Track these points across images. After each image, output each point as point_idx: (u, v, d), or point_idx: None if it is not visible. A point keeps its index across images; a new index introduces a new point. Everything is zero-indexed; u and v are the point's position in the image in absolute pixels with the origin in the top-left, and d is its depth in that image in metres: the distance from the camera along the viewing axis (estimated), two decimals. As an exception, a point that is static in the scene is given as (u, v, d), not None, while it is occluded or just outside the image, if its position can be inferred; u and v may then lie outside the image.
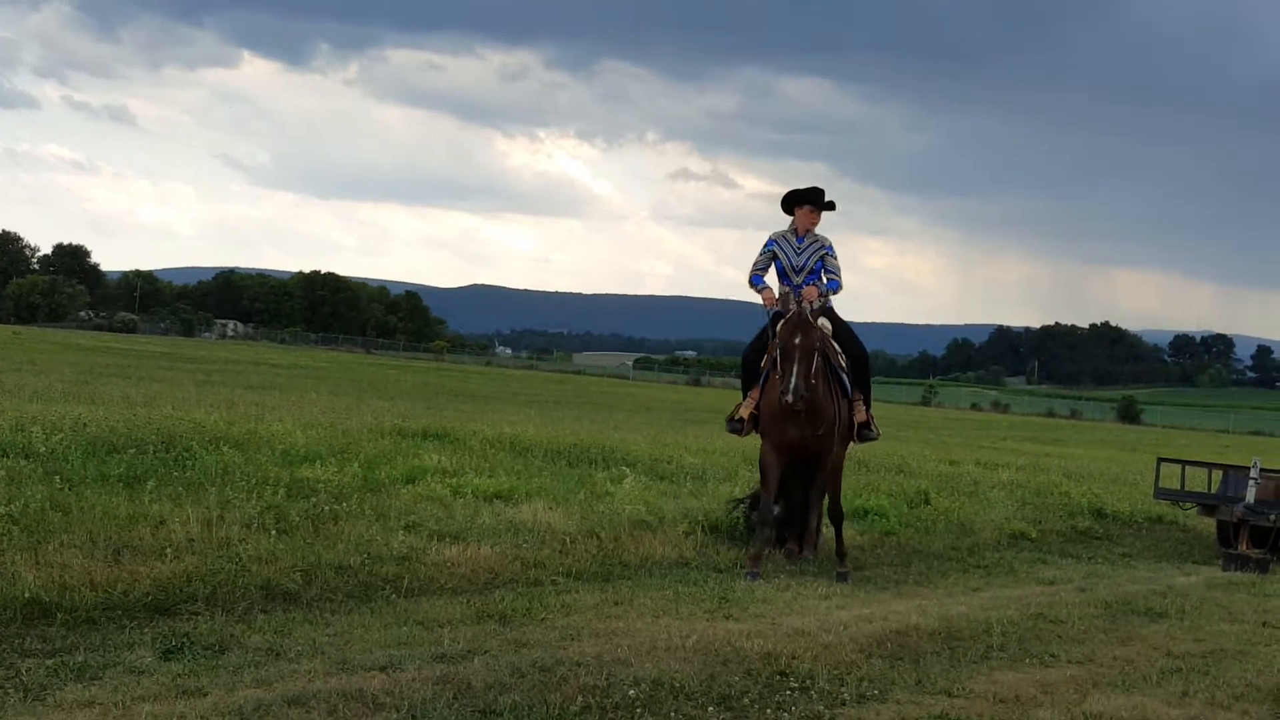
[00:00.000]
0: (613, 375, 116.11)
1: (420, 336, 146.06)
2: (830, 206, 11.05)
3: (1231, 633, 9.49)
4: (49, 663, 6.04)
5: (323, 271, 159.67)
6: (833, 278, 11.03)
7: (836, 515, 11.01)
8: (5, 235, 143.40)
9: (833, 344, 10.83)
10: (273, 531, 8.86)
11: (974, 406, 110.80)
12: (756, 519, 10.86)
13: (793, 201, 11.03)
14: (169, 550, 8.02)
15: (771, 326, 10.79)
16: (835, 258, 11.05)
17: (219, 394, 24.01)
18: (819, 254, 10.97)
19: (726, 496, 12.63)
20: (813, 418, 10.38)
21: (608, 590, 8.95)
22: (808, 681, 6.73)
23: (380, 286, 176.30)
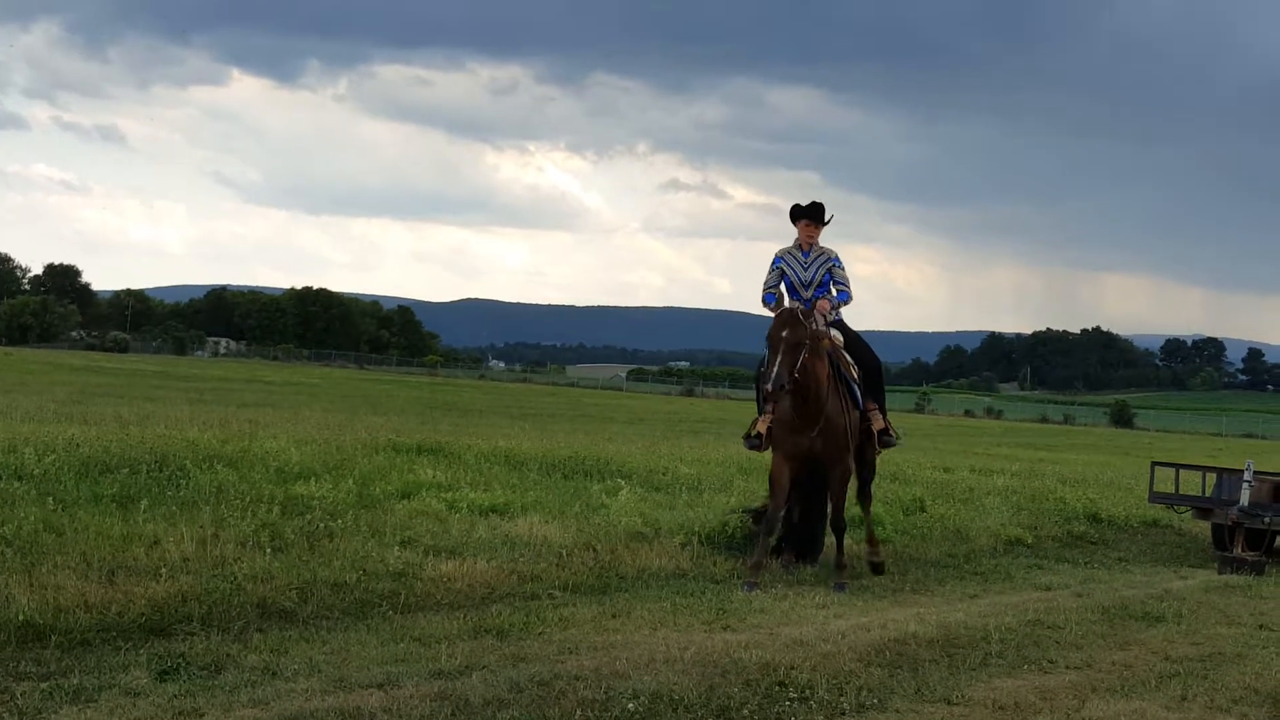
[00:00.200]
0: (606, 387, 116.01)
1: (413, 351, 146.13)
2: (820, 217, 11.10)
3: (1229, 636, 9.50)
4: (44, 686, 6.01)
5: (315, 287, 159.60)
6: (842, 289, 11.14)
7: (839, 526, 11.02)
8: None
9: (844, 355, 10.89)
10: (268, 549, 8.84)
11: (967, 413, 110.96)
12: (762, 528, 10.87)
13: (795, 217, 11.14)
14: (163, 570, 8.00)
15: None
16: (843, 269, 11.17)
17: (212, 412, 23.97)
18: (826, 266, 11.08)
19: (723, 507, 12.62)
20: (822, 428, 10.46)
21: (605, 603, 8.93)
22: (807, 691, 6.72)
23: (373, 301, 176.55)
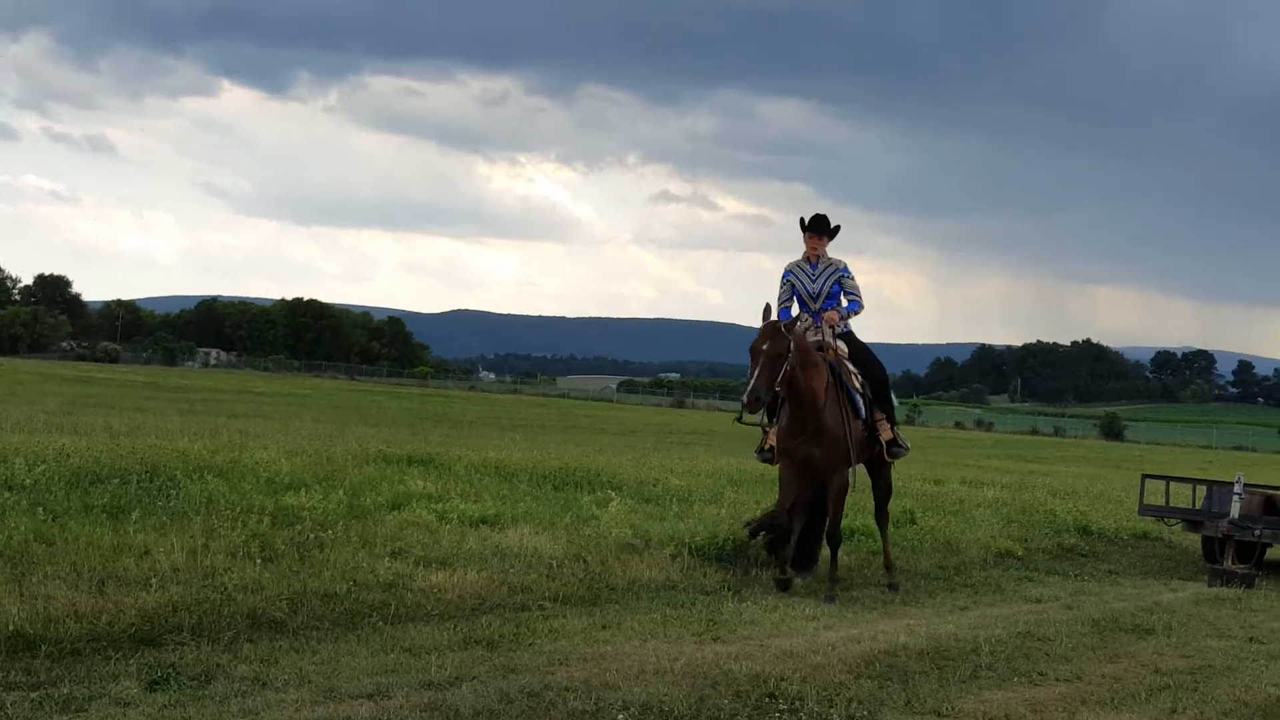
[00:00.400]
0: (597, 398, 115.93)
1: (404, 362, 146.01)
2: (825, 229, 11.16)
3: (1219, 649, 9.50)
4: (34, 696, 6.00)
5: (305, 298, 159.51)
6: (853, 299, 11.21)
7: (834, 538, 11.03)
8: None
9: (847, 365, 10.91)
10: (258, 560, 8.82)
11: (958, 425, 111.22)
12: (776, 538, 10.90)
13: (802, 230, 11.19)
14: (154, 580, 7.98)
15: None
16: (852, 279, 11.21)
17: (202, 423, 23.91)
18: (834, 277, 11.13)
19: (713, 519, 12.64)
20: (820, 437, 10.51)
21: (595, 614, 8.93)
22: (797, 703, 6.73)
23: (363, 313, 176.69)
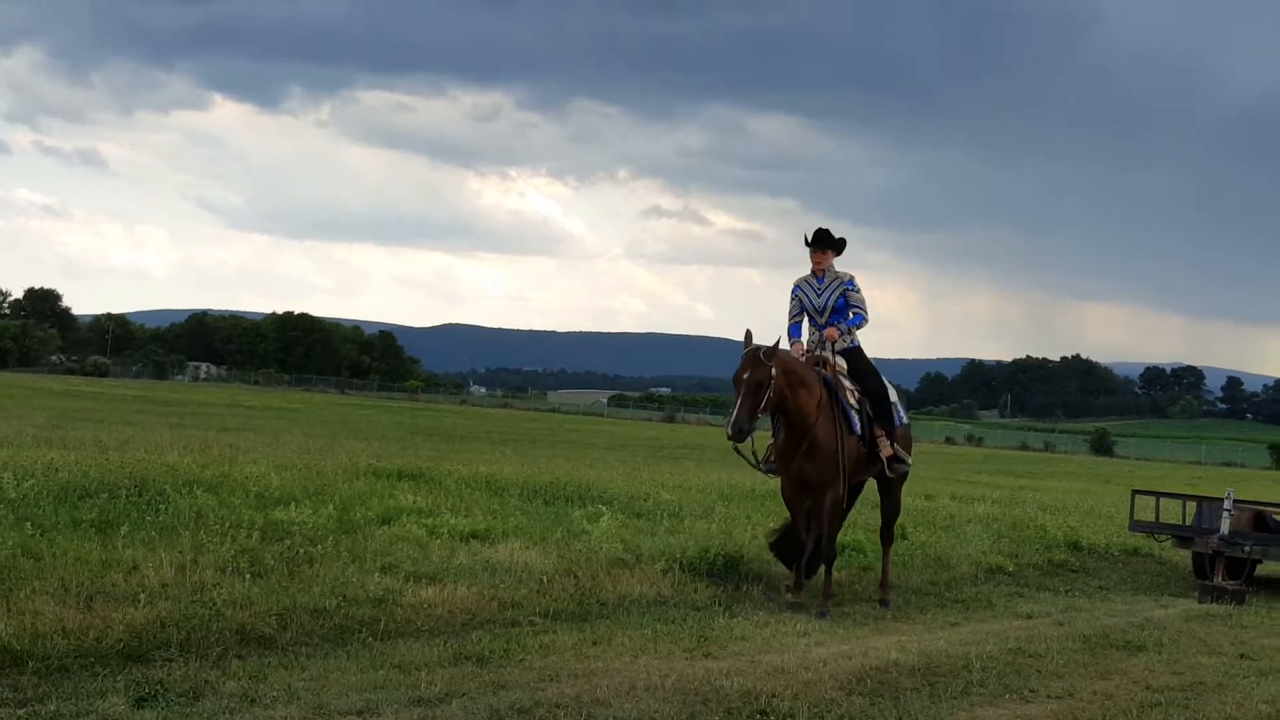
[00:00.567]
0: (587, 413, 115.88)
1: (394, 376, 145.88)
2: (828, 243, 11.16)
3: (1210, 665, 9.50)
4: (20, 712, 5.97)
5: (296, 312, 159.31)
6: (857, 311, 11.19)
7: (828, 555, 11.03)
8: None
9: (844, 381, 10.90)
10: (247, 575, 8.79)
11: (948, 440, 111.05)
12: (790, 553, 10.93)
13: (806, 245, 11.20)
14: (142, 596, 7.95)
15: None
16: (857, 291, 11.18)
17: (192, 437, 23.85)
18: (839, 291, 11.13)
19: (705, 533, 12.64)
20: (814, 453, 10.58)
21: (586, 630, 8.91)
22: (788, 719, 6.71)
23: (354, 327, 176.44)
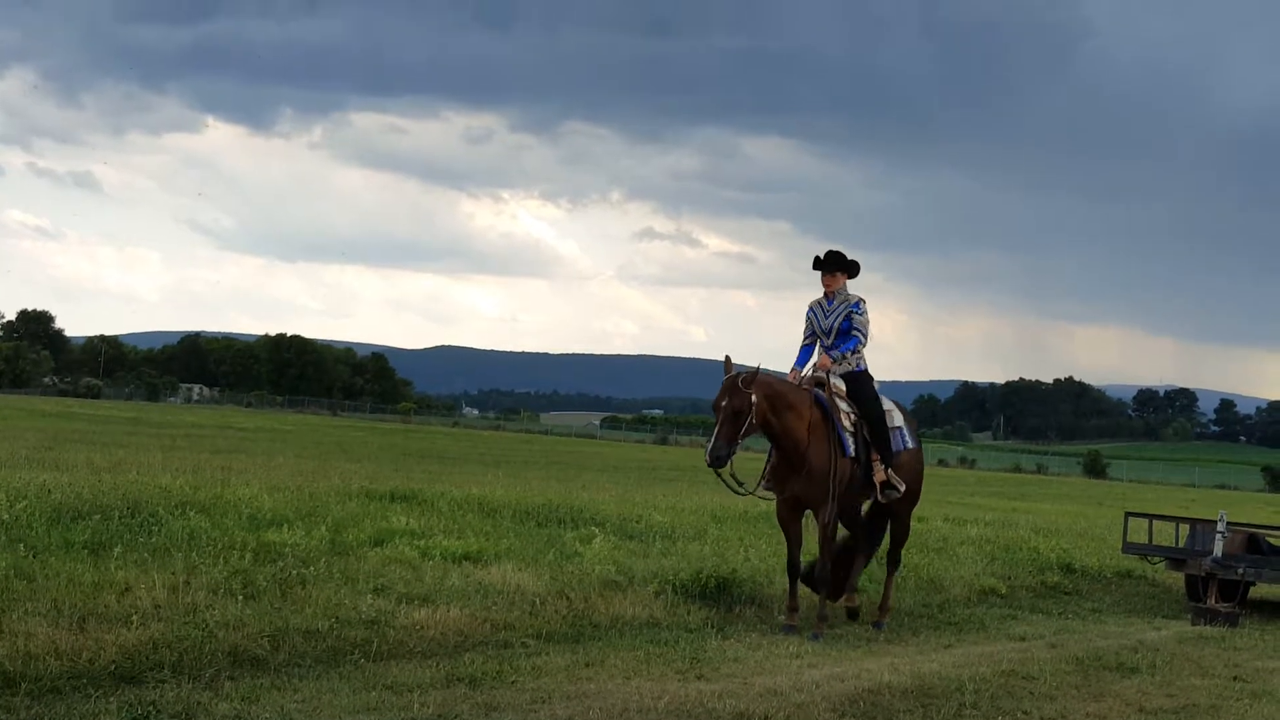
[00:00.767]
0: (580, 435, 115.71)
1: (387, 398, 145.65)
2: (838, 265, 11.21)
3: (1203, 687, 9.50)
4: (12, 734, 5.96)
5: (289, 334, 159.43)
6: (855, 334, 11.22)
7: (823, 578, 11.02)
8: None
9: (839, 404, 10.92)
10: (240, 597, 8.78)
11: (940, 462, 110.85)
12: (788, 571, 10.98)
13: (815, 268, 11.22)
14: (135, 617, 7.93)
15: None
16: (861, 314, 11.23)
17: (185, 458, 23.79)
18: (845, 313, 11.18)
19: (697, 555, 12.64)
20: (806, 475, 10.63)
21: (578, 651, 8.90)
22: (781, 742, 6.70)
23: (346, 348, 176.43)
